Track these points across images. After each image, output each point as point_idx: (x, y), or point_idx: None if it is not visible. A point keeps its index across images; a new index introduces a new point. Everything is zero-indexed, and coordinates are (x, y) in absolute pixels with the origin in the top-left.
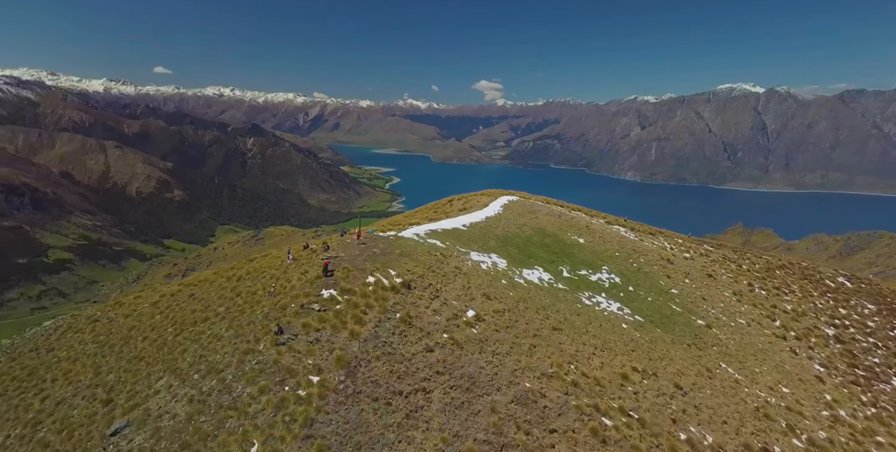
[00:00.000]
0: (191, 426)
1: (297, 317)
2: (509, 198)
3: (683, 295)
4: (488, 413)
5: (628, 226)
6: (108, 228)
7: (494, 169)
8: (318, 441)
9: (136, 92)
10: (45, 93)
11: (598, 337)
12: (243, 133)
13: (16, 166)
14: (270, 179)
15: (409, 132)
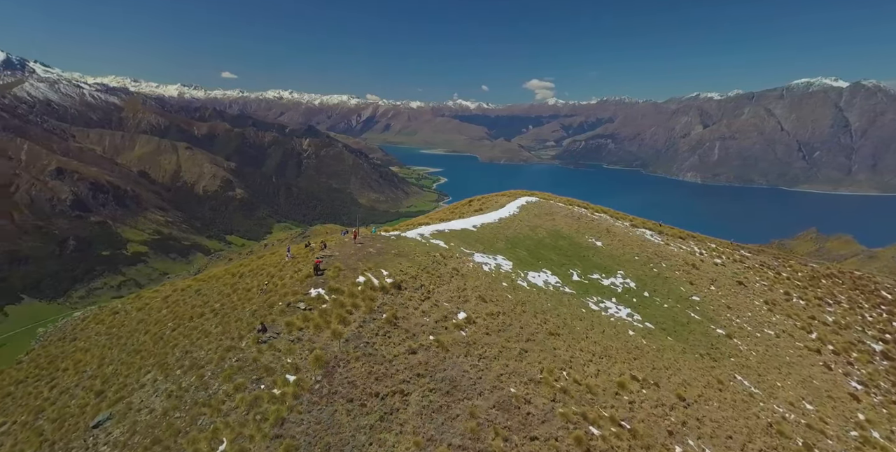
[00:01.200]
0: (165, 421)
1: (283, 316)
2: (528, 199)
3: (705, 302)
4: (467, 418)
5: (656, 230)
6: (177, 224)
7: (543, 168)
8: (287, 441)
9: (206, 96)
10: (129, 99)
11: (599, 343)
12: (300, 134)
13: (102, 166)
14: (324, 179)
15: (458, 132)
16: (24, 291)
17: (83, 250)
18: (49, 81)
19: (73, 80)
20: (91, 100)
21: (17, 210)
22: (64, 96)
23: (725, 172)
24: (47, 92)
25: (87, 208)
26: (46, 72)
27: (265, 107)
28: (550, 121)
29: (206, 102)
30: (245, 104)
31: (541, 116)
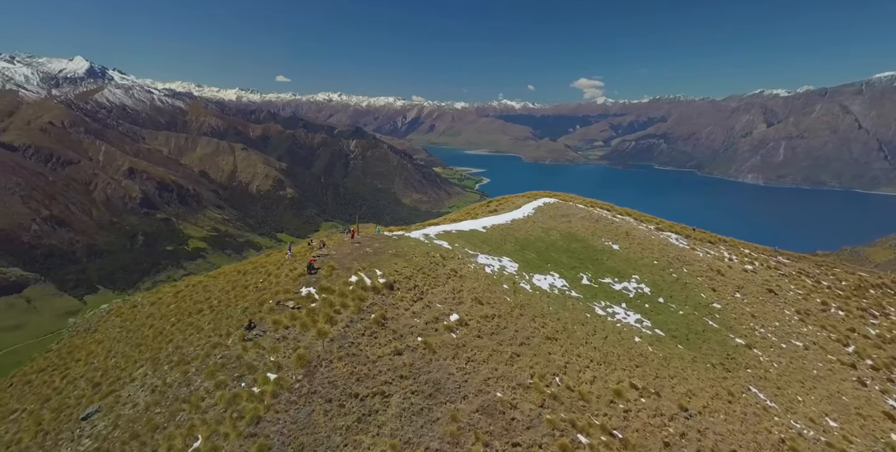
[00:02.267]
0: (146, 416)
1: (271, 314)
2: (546, 201)
3: (727, 310)
4: (447, 422)
5: (683, 234)
6: (233, 222)
7: (589, 169)
8: (261, 440)
9: (261, 99)
10: (192, 103)
11: (599, 349)
12: (347, 135)
13: (168, 166)
14: (369, 179)
15: (502, 132)
16: (100, 282)
17: (150, 245)
18: (124, 87)
19: (144, 86)
20: (160, 104)
21: (96, 207)
22: (137, 101)
23: (792, 173)
24: (123, 97)
25: (153, 206)
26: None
27: (315, 109)
28: (599, 121)
29: (262, 105)
30: (297, 106)
31: (588, 116)
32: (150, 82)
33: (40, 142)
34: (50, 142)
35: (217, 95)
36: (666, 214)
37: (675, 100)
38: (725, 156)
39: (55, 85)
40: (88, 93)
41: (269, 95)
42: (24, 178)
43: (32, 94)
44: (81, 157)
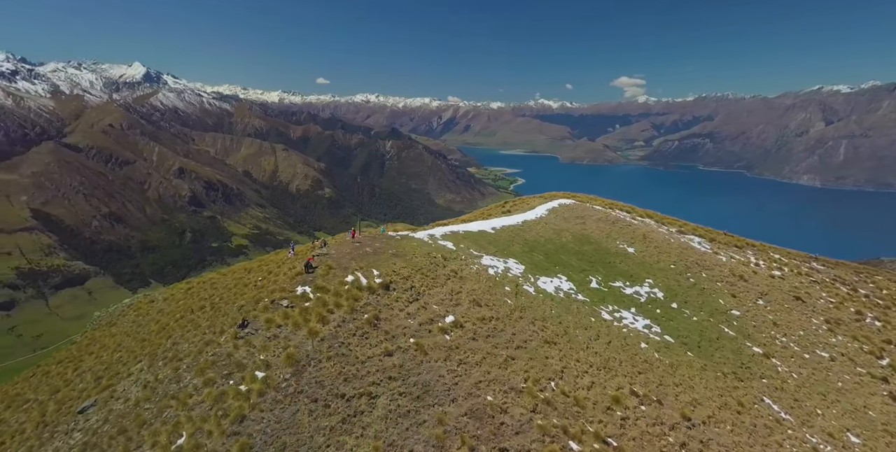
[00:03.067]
0: (135, 411)
1: (265, 312)
2: (562, 202)
3: (746, 317)
4: (434, 425)
5: (707, 237)
6: (273, 220)
7: (629, 169)
8: (243, 438)
9: (302, 101)
10: (238, 105)
11: (601, 354)
12: (383, 136)
13: (214, 166)
14: (404, 179)
15: (538, 132)
16: (152, 276)
17: (197, 241)
18: (177, 91)
19: (195, 90)
20: (208, 106)
21: (149, 205)
22: (187, 104)
23: (853, 174)
24: (175, 101)
25: (201, 204)
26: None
27: (353, 110)
28: (640, 120)
29: (303, 107)
30: (336, 108)
31: (629, 115)
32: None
33: (101, 144)
34: (110, 144)
35: (261, 98)
36: (712, 217)
37: (722, 97)
38: (778, 156)
39: (116, 89)
40: (144, 97)
41: (309, 97)
42: (86, 178)
43: (95, 99)
44: (137, 158)
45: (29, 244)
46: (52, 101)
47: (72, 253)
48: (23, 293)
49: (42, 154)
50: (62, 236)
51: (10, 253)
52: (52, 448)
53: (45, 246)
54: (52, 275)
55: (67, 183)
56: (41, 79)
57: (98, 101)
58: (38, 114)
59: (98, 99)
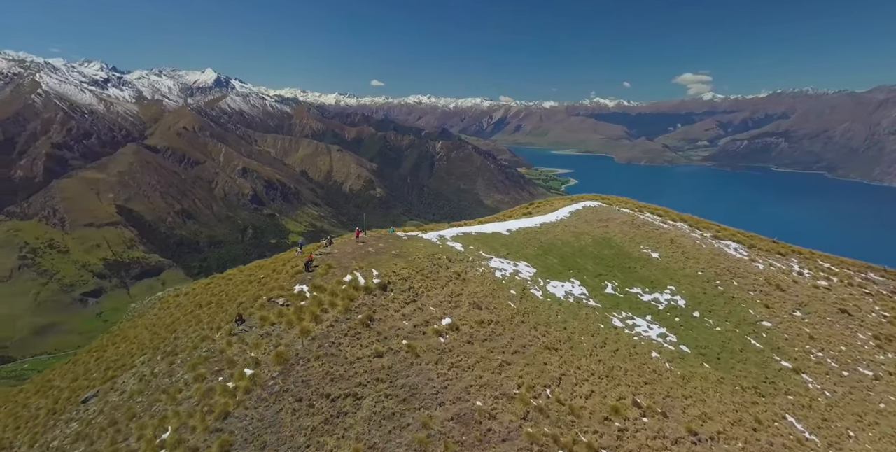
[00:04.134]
0: (127, 404)
1: (261, 309)
2: (588, 204)
3: (778, 329)
4: (418, 428)
5: (746, 243)
6: (327, 218)
7: (691, 171)
8: (224, 435)
9: (357, 103)
10: (297, 108)
11: (605, 363)
12: (434, 137)
13: (274, 166)
14: (453, 180)
15: (593, 132)
16: (218, 269)
17: (258, 237)
18: (243, 95)
19: (259, 93)
20: (270, 109)
21: (216, 202)
22: (252, 107)
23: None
24: (241, 104)
25: (261, 202)
26: (242, 87)
27: (406, 111)
28: (704, 119)
29: (357, 109)
30: (389, 109)
31: (692, 113)
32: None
33: (176, 145)
34: (183, 145)
35: (319, 100)
36: (789, 222)
37: (800, 93)
38: (867, 156)
39: (190, 94)
40: (214, 101)
41: (364, 99)
42: (163, 177)
43: (172, 103)
44: (206, 158)
45: (114, 237)
46: (136, 106)
47: (149, 246)
48: (108, 282)
49: (126, 154)
50: (141, 230)
51: (99, 245)
52: (52, 436)
53: (128, 240)
54: (132, 267)
55: (147, 181)
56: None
57: (174, 106)
58: (124, 118)
59: (175, 103)
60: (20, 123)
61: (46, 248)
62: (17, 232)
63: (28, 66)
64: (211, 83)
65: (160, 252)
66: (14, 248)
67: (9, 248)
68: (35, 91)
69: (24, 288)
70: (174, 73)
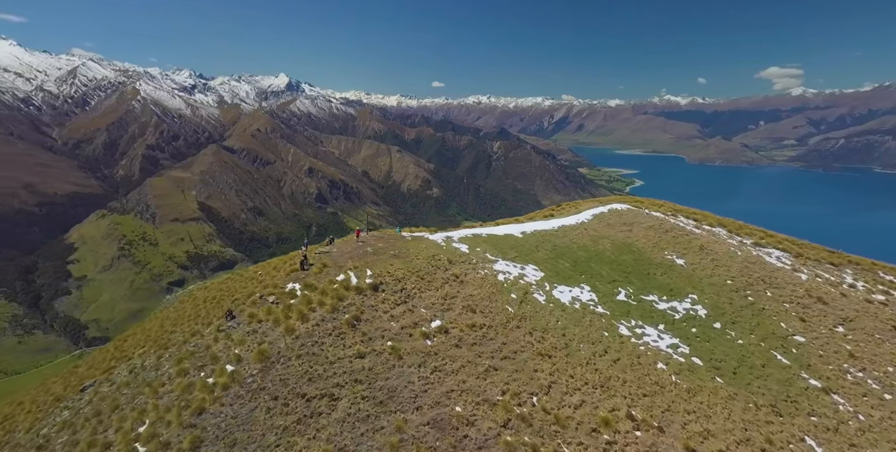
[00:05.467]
0: (113, 396)
1: (252, 307)
2: (615, 207)
3: (812, 345)
4: (391, 432)
5: (793, 251)
6: (386, 217)
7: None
8: (197, 431)
9: (418, 104)
10: (360, 110)
11: (602, 372)
12: (492, 137)
13: (338, 166)
14: (510, 180)
15: (662, 131)
16: None
17: (321, 235)
18: (311, 98)
19: (325, 96)
20: (336, 111)
21: (284, 200)
22: (319, 109)
23: None
24: (309, 107)
25: (325, 201)
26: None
27: (465, 112)
28: (792, 115)
29: (418, 110)
30: (448, 110)
31: (778, 110)
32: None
33: (250, 146)
34: (256, 146)
35: (381, 102)
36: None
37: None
38: None
39: (264, 98)
40: (285, 104)
41: (424, 100)
42: (238, 176)
43: (249, 107)
44: (276, 158)
45: (196, 232)
46: (217, 110)
47: (225, 241)
48: (190, 273)
49: (207, 155)
50: (219, 226)
51: (183, 239)
52: (46, 423)
53: (207, 234)
54: (210, 259)
55: (224, 180)
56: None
57: (250, 109)
58: (206, 121)
59: (250, 107)
60: (122, 127)
61: (140, 241)
62: (118, 226)
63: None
64: (283, 87)
65: (234, 246)
66: (115, 240)
67: (111, 240)
68: (135, 98)
69: (121, 277)
70: (251, 78)
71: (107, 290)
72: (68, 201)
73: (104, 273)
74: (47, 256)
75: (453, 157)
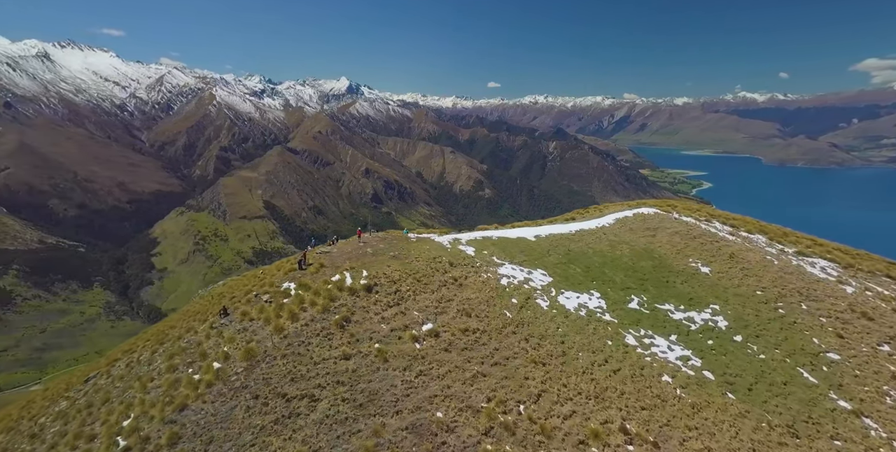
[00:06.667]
0: (107, 388)
1: (246, 304)
2: (640, 211)
3: (848, 364)
4: (368, 436)
5: (842, 262)
6: (438, 217)
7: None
8: (176, 428)
9: (473, 105)
10: (416, 111)
11: (599, 382)
12: (548, 137)
13: (393, 167)
14: (565, 181)
15: (734, 130)
16: None
17: None
18: (370, 100)
19: (383, 99)
20: (392, 113)
21: (341, 200)
22: (377, 111)
23: None
24: (368, 109)
25: (380, 200)
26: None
27: (520, 112)
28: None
29: (473, 111)
30: (504, 111)
31: (876, 105)
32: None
33: (312, 147)
34: (317, 148)
35: (437, 103)
36: None
37: None
38: None
39: (326, 101)
40: (346, 107)
41: (479, 101)
42: (300, 176)
43: (311, 109)
44: (335, 159)
45: (261, 229)
46: (283, 113)
47: (287, 238)
48: (255, 268)
49: (273, 156)
50: (281, 224)
51: (250, 235)
52: (48, 411)
53: (270, 232)
54: (273, 256)
55: (287, 180)
56: (278, 95)
57: (313, 112)
58: (273, 124)
59: (313, 109)
60: (199, 130)
61: (212, 237)
62: (194, 222)
63: (207, 81)
64: (344, 90)
65: (295, 244)
66: (191, 236)
67: (187, 235)
68: (211, 102)
69: (196, 270)
70: (315, 82)
71: (184, 282)
72: (153, 198)
73: (182, 265)
74: (135, 249)
75: (507, 158)
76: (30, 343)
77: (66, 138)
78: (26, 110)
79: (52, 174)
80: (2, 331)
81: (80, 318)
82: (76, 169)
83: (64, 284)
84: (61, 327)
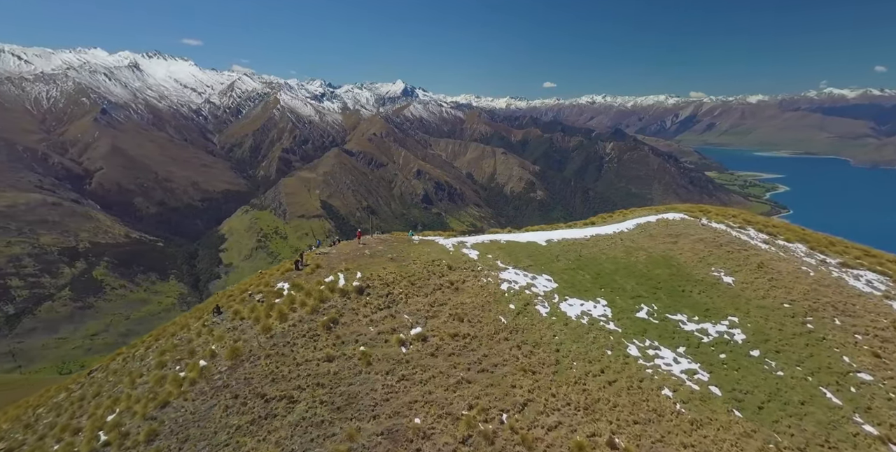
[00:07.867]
0: (99, 382)
1: (239, 303)
2: (665, 216)
3: (881, 386)
4: (343, 440)
5: (894, 276)
6: (487, 219)
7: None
8: (154, 424)
9: (527, 106)
10: (469, 113)
11: (591, 393)
12: (605, 138)
13: (444, 168)
14: (623, 183)
15: (817, 129)
16: None
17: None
18: (423, 103)
19: (437, 101)
20: (445, 115)
21: (393, 200)
22: (430, 113)
23: None
24: (421, 111)
25: (430, 201)
26: (424, 95)
27: (577, 112)
28: None
29: (527, 111)
30: (559, 111)
31: None
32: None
33: (366, 149)
34: (372, 149)
35: (490, 105)
36: None
37: None
38: None
39: (381, 104)
40: (400, 109)
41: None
42: (355, 177)
43: (367, 112)
44: (389, 161)
45: (317, 227)
46: (341, 116)
47: (341, 237)
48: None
49: (330, 157)
50: (337, 222)
51: (307, 234)
52: (48, 402)
53: (327, 230)
54: None
55: (343, 180)
56: (336, 98)
57: (369, 114)
58: (332, 126)
59: (369, 112)
60: (264, 133)
61: (273, 234)
62: (257, 220)
63: (273, 86)
64: (399, 93)
65: None
66: (254, 233)
67: (251, 233)
68: (275, 106)
69: (258, 266)
70: (371, 85)
71: (246, 277)
72: (222, 197)
73: (245, 261)
74: (205, 244)
75: (561, 159)
76: (117, 328)
77: (149, 141)
78: (118, 116)
79: (138, 174)
80: (94, 317)
81: (158, 308)
82: (157, 169)
83: (145, 276)
84: (142, 315)
